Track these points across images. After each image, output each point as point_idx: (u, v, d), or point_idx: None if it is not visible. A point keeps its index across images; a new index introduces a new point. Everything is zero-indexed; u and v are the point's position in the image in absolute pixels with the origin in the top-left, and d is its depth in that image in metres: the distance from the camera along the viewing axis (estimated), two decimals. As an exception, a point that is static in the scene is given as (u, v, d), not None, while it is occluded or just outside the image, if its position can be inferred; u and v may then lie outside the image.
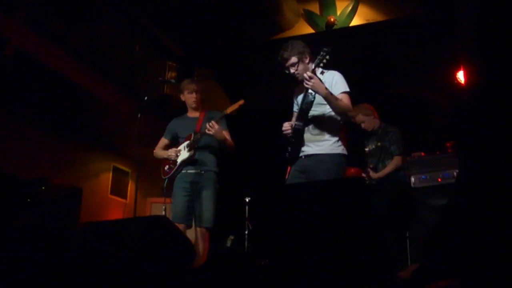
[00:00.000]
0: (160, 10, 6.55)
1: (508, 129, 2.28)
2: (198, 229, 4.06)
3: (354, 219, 2.39)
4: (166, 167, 4.29)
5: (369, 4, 6.43)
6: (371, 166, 4.89)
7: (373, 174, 4.82)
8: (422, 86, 6.55)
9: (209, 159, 4.18)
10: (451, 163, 5.27)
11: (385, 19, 6.31)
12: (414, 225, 4.77)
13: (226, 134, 4.21)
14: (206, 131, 3.97)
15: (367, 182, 4.77)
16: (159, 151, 4.37)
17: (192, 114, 4.37)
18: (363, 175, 4.84)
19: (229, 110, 4.01)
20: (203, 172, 4.11)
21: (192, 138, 4.15)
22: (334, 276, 2.31)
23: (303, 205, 2.56)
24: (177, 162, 4.18)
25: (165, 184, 4.24)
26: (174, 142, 4.38)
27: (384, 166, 4.81)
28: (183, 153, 4.17)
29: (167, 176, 4.23)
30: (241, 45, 7.02)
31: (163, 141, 4.43)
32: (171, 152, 4.22)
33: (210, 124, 3.96)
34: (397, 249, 4.48)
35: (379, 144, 4.90)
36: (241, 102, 3.99)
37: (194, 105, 4.30)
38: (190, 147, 4.13)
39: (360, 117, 4.99)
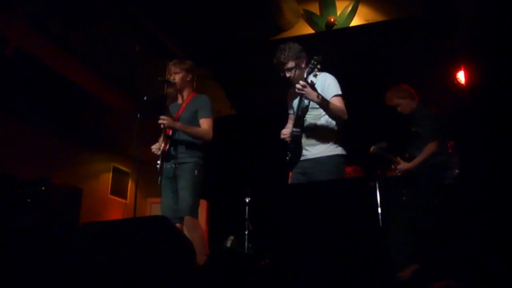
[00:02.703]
0: (160, 10, 6.55)
1: (508, 129, 2.28)
2: (184, 222, 3.88)
3: (355, 219, 2.39)
4: (157, 163, 4.09)
5: (369, 5, 6.43)
6: (406, 155, 4.48)
7: (404, 165, 4.39)
8: (422, 87, 6.55)
9: (184, 150, 3.98)
10: (451, 163, 5.26)
11: (385, 20, 6.31)
12: (414, 225, 4.75)
13: (204, 123, 4.00)
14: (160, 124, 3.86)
15: (398, 174, 4.41)
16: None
17: (179, 99, 4.21)
18: (393, 166, 4.49)
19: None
20: (177, 165, 3.95)
21: (163, 131, 4.01)
22: (335, 277, 2.31)
23: (304, 206, 2.56)
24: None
25: (158, 182, 4.07)
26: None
27: None
28: (162, 148, 4.02)
29: (158, 175, 4.06)
30: (241, 46, 7.02)
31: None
32: (154, 146, 4.08)
33: (161, 116, 3.83)
34: (398, 249, 4.47)
35: (414, 129, 4.48)
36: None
37: (175, 88, 4.15)
38: (164, 141, 3.99)
39: (394, 101, 4.65)
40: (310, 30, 6.67)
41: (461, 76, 5.40)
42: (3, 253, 2.92)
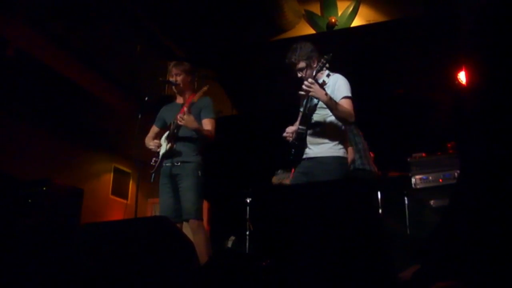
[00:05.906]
0: (161, 10, 6.55)
1: (509, 130, 2.27)
2: (188, 224, 3.85)
3: (356, 219, 2.39)
4: (152, 161, 4.07)
5: (370, 5, 6.43)
6: None
7: None
8: (423, 87, 6.54)
9: (186, 149, 3.95)
10: (452, 164, 5.26)
11: (386, 20, 6.31)
12: (415, 225, 4.75)
13: (207, 123, 3.99)
14: (178, 121, 3.82)
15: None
16: (148, 140, 4.17)
17: (179, 99, 4.19)
18: None
19: (196, 97, 3.93)
20: (179, 163, 3.91)
21: (170, 129, 4.00)
22: (335, 277, 2.30)
23: (304, 206, 2.55)
24: (159, 155, 4.02)
25: (151, 180, 4.03)
26: (167, 130, 4.22)
27: None
28: (163, 146, 4.00)
29: (152, 171, 4.03)
30: (242, 46, 7.02)
31: (153, 129, 4.25)
32: (152, 144, 4.06)
33: (180, 114, 3.82)
34: (398, 250, 4.47)
35: None
36: (205, 88, 3.96)
37: (177, 89, 4.15)
38: (168, 139, 3.98)
39: None
40: (311, 31, 6.67)
41: (462, 77, 5.39)
42: (5, 253, 2.92)
